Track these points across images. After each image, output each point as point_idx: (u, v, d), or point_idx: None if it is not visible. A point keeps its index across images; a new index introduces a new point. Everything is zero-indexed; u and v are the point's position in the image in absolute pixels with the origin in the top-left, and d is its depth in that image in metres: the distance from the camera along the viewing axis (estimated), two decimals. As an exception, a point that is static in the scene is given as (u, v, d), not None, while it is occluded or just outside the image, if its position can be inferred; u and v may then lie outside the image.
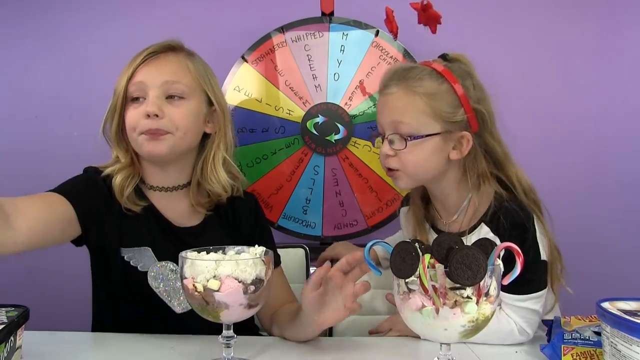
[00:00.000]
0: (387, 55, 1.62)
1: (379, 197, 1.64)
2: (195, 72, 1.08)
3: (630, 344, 0.74)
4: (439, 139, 1.05)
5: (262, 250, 0.90)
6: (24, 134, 1.74)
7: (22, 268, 1.73)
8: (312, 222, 1.67)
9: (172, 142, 1.04)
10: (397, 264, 0.76)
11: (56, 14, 1.72)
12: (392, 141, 1.06)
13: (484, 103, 1.07)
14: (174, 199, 1.12)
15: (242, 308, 0.86)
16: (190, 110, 1.06)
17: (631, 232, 1.70)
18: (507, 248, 0.77)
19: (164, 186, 1.11)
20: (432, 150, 1.05)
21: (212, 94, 1.10)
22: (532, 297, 1.04)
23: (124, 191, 1.05)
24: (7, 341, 0.80)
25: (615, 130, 1.71)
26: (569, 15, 1.69)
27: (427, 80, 1.05)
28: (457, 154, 1.06)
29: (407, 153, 1.05)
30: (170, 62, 1.06)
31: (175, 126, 1.03)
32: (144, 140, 1.03)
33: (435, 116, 1.04)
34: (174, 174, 1.11)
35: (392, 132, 1.06)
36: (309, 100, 1.64)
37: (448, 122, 1.04)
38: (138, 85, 1.03)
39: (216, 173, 1.10)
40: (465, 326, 0.76)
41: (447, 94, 1.05)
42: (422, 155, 1.05)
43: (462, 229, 1.10)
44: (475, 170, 1.08)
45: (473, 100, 1.06)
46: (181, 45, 1.11)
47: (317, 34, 1.63)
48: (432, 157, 1.05)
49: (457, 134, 1.05)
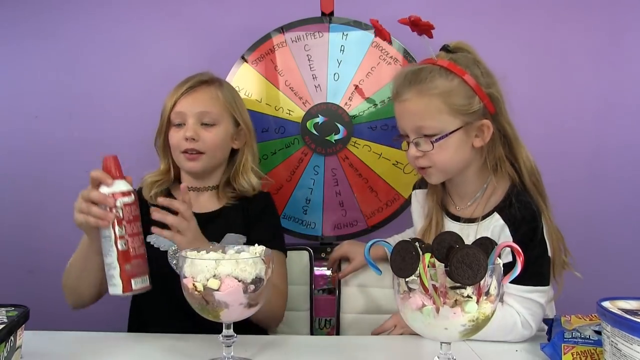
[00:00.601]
0: (387, 56, 1.62)
1: (379, 197, 1.64)
2: (224, 100, 1.31)
3: (631, 343, 0.74)
4: (461, 133, 1.08)
5: (262, 249, 0.90)
6: (23, 134, 1.73)
7: (22, 268, 1.73)
8: (312, 222, 1.67)
9: (206, 160, 1.28)
10: (398, 263, 0.76)
11: (56, 14, 1.71)
12: (418, 144, 1.10)
13: (494, 86, 1.10)
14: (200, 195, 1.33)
15: (242, 307, 0.86)
16: (220, 134, 1.29)
17: (632, 230, 1.70)
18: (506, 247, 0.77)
19: (196, 187, 1.33)
20: (458, 145, 1.09)
21: (239, 116, 1.33)
22: (538, 290, 1.05)
23: (152, 188, 1.29)
24: (7, 341, 0.80)
25: (615, 126, 1.71)
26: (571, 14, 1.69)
27: (438, 80, 1.07)
28: (480, 141, 1.10)
29: (435, 154, 1.09)
30: (204, 94, 1.29)
31: (208, 147, 1.27)
32: (184, 159, 1.27)
33: (453, 112, 1.07)
34: (206, 180, 1.33)
35: (416, 136, 1.10)
36: (309, 100, 1.64)
37: (466, 114, 1.07)
38: (178, 115, 1.28)
39: (247, 178, 1.33)
40: (465, 325, 0.76)
41: (459, 87, 1.07)
42: (450, 152, 1.09)
43: (474, 215, 1.13)
44: (493, 154, 1.13)
45: (484, 86, 1.08)
46: (212, 77, 1.34)
47: (317, 34, 1.63)
48: (458, 150, 1.09)
49: (477, 123, 1.09)
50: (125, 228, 0.97)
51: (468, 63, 1.09)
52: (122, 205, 0.97)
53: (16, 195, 1.74)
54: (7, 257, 1.72)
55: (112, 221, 0.96)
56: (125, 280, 0.96)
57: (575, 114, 1.69)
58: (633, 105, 1.71)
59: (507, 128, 1.12)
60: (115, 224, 0.96)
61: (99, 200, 0.97)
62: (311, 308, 1.46)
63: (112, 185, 0.98)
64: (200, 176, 1.32)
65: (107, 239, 0.97)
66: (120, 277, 0.96)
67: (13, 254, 1.73)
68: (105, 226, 0.96)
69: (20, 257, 1.74)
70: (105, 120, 1.71)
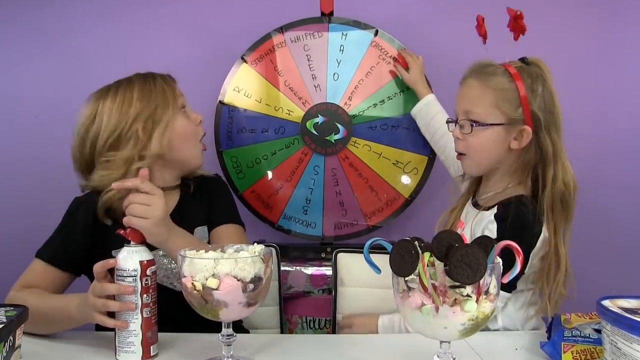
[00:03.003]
0: (387, 55, 1.62)
1: (379, 196, 1.64)
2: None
3: (631, 342, 0.74)
4: (501, 129, 1.16)
5: (261, 248, 0.90)
6: (23, 134, 1.73)
7: (22, 268, 1.73)
8: (312, 222, 1.67)
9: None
10: (397, 262, 0.76)
11: (56, 14, 1.72)
12: (462, 126, 1.19)
13: (546, 110, 1.15)
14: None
15: (241, 306, 0.86)
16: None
17: (632, 230, 1.70)
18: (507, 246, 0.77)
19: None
20: (495, 138, 1.16)
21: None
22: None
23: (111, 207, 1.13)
24: (6, 341, 0.80)
25: (617, 129, 1.71)
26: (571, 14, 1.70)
27: (499, 77, 1.16)
28: (516, 144, 1.16)
29: (472, 137, 1.18)
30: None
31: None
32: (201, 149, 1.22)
33: (499, 109, 1.15)
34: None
35: (464, 117, 1.19)
36: (309, 100, 1.64)
37: (510, 117, 1.15)
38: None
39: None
40: (465, 324, 0.76)
41: (512, 91, 1.14)
42: (485, 141, 1.17)
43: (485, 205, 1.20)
44: (523, 161, 1.18)
45: (534, 103, 1.14)
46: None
47: (316, 34, 1.63)
48: (493, 144, 1.17)
49: (518, 127, 1.15)
50: (151, 296, 0.94)
51: (534, 77, 1.16)
52: (151, 273, 0.94)
53: (16, 195, 1.74)
54: (7, 257, 1.72)
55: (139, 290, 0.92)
56: (146, 347, 0.94)
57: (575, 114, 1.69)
58: (633, 105, 1.71)
59: (547, 145, 1.15)
60: (143, 293, 0.93)
61: (118, 292, 0.92)
62: (280, 304, 1.44)
63: (139, 254, 0.94)
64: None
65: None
66: (142, 344, 0.93)
67: (13, 254, 1.73)
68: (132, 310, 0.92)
69: (21, 257, 1.73)
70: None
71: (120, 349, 0.94)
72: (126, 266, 0.93)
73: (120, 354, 0.94)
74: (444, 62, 1.59)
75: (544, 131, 1.14)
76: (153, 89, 1.16)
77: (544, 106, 1.15)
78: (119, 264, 0.93)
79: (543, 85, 1.16)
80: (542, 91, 1.15)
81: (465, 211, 1.26)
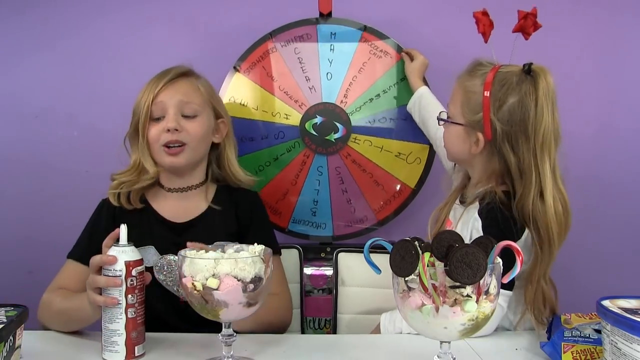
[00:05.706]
0: (377, 50, 1.61)
1: (385, 189, 1.63)
2: (204, 91, 1.28)
3: (631, 342, 0.74)
4: (461, 129, 1.17)
5: (261, 248, 0.90)
6: (23, 134, 1.73)
7: (22, 268, 1.73)
8: (322, 223, 1.66)
9: (189, 154, 1.23)
10: (397, 262, 0.76)
11: (56, 14, 1.71)
12: (440, 118, 1.25)
13: (511, 122, 1.09)
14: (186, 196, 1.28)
15: (241, 306, 0.86)
16: (203, 125, 1.25)
17: (632, 229, 1.70)
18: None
19: (180, 187, 1.28)
20: (456, 136, 1.19)
21: (220, 108, 1.32)
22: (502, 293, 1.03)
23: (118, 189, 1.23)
24: (7, 341, 0.80)
25: (616, 129, 1.71)
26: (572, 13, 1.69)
27: (477, 79, 1.15)
28: (475, 149, 1.16)
29: (444, 129, 1.24)
30: (184, 85, 1.26)
31: (191, 138, 1.22)
32: (165, 153, 1.22)
33: (463, 110, 1.16)
34: (190, 177, 1.29)
35: (445, 111, 1.24)
36: (305, 102, 1.63)
37: (468, 120, 1.15)
38: (159, 105, 1.22)
39: (235, 171, 1.33)
40: (465, 324, 0.76)
41: (479, 96, 1.13)
42: (449, 136, 1.22)
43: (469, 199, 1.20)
44: (491, 167, 1.16)
45: (497, 113, 1.10)
46: (190, 69, 1.31)
47: (304, 36, 1.62)
48: (457, 141, 1.19)
49: (477, 132, 1.14)
50: (137, 296, 0.95)
51: (507, 86, 1.10)
52: (137, 274, 0.95)
53: (16, 195, 1.74)
54: (7, 257, 1.72)
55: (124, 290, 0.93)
56: (130, 347, 0.94)
57: (575, 114, 1.69)
58: (633, 105, 1.71)
59: (511, 159, 1.10)
60: (128, 293, 0.94)
61: (106, 285, 0.94)
62: (302, 306, 1.45)
63: (126, 254, 0.95)
64: (182, 174, 1.27)
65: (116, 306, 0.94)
66: (125, 345, 0.94)
67: (13, 254, 1.73)
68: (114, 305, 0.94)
69: (20, 257, 1.74)
70: (105, 120, 1.70)
71: (105, 348, 0.95)
72: (112, 265, 0.94)
73: (105, 352, 0.95)
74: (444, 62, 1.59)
75: (506, 144, 1.10)
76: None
77: (507, 118, 1.09)
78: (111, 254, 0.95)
79: (518, 98, 1.09)
80: (514, 103, 1.09)
81: (453, 209, 1.24)
